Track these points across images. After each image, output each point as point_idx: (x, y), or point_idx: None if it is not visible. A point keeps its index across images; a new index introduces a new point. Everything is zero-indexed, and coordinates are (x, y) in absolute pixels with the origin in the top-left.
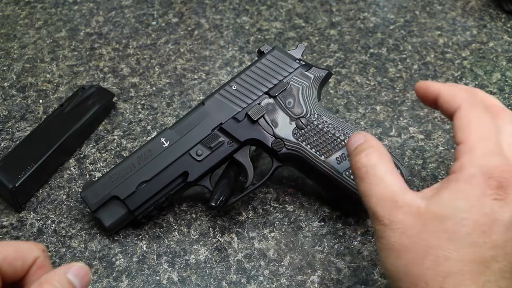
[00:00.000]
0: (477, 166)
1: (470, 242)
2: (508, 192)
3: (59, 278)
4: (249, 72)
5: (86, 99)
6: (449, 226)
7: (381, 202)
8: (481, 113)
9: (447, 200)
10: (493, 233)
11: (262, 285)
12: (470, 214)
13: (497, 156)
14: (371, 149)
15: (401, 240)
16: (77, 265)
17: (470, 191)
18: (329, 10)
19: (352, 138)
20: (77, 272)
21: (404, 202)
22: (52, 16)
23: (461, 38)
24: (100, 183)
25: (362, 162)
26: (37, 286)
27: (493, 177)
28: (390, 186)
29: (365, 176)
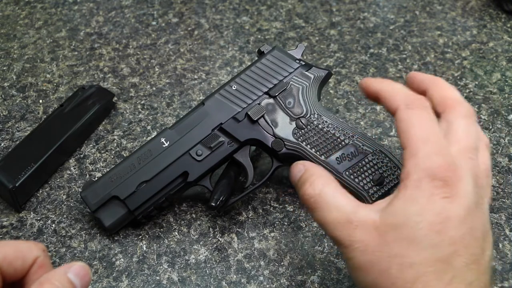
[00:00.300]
0: (421, 169)
1: (428, 243)
2: (454, 188)
3: (60, 277)
4: (249, 72)
5: (86, 99)
6: (406, 232)
7: (337, 226)
8: (419, 114)
9: (399, 208)
10: (448, 230)
11: (262, 285)
12: (423, 216)
13: (439, 156)
14: (313, 177)
15: (364, 257)
16: (78, 265)
17: (419, 195)
18: (329, 10)
19: (293, 170)
20: (77, 272)
21: (358, 221)
22: (52, 16)
23: (461, 38)
24: (100, 183)
25: (309, 192)
26: (38, 285)
27: (438, 177)
28: (341, 208)
29: (315, 205)
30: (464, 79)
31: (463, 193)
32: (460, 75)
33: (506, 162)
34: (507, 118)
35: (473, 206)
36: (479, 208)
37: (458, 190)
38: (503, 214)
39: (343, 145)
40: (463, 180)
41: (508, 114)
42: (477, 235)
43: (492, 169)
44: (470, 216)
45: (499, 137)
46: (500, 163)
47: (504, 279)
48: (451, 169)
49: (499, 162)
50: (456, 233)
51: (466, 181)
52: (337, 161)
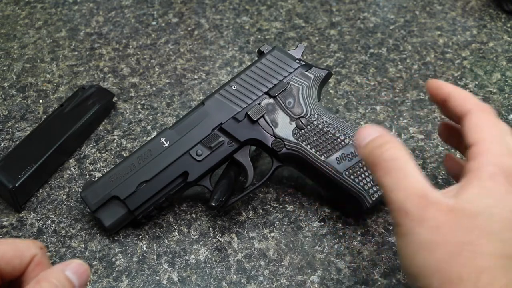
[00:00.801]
0: (495, 165)
1: (500, 238)
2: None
3: (57, 275)
4: (249, 72)
5: (86, 99)
6: (481, 222)
7: (410, 197)
8: (492, 117)
9: (475, 197)
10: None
11: (262, 285)
12: (499, 210)
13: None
14: (390, 144)
15: (433, 236)
16: (76, 262)
17: (495, 188)
18: (329, 10)
19: (363, 132)
20: (75, 269)
21: (434, 199)
22: (52, 16)
23: (461, 38)
24: (100, 183)
25: (387, 153)
26: (35, 283)
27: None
28: (419, 181)
29: (389, 168)
30: (464, 79)
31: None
32: (460, 75)
33: None
34: (507, 118)
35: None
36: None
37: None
38: None
39: (343, 145)
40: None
41: (508, 114)
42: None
43: None
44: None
45: None
46: None
47: None
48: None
49: None
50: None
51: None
52: (337, 161)
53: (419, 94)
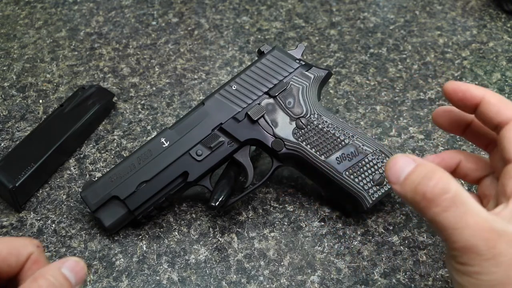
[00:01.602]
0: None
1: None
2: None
3: (54, 272)
4: (249, 72)
5: (86, 99)
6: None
7: (478, 233)
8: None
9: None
10: None
11: (262, 285)
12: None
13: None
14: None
15: (508, 273)
16: (72, 260)
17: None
18: (329, 10)
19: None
20: (72, 267)
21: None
22: (52, 16)
23: (461, 38)
24: (100, 183)
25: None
26: (32, 281)
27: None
28: (483, 214)
29: (450, 204)
30: (464, 79)
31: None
32: (460, 75)
33: None
34: None
35: None
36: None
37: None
38: None
39: (343, 145)
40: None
41: None
42: None
43: None
44: None
45: None
46: None
47: None
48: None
49: None
50: None
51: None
52: (337, 161)
53: (419, 94)
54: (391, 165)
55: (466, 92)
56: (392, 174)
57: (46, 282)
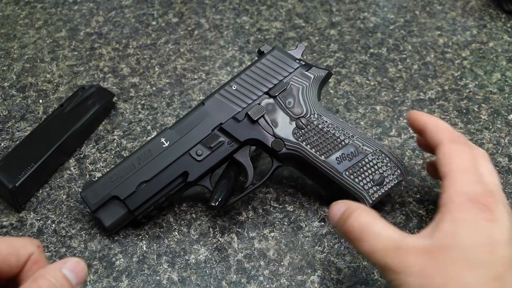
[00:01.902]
0: (463, 195)
1: (481, 263)
2: (495, 213)
3: (54, 273)
4: (249, 72)
5: (86, 99)
6: (459, 254)
7: (388, 253)
8: (461, 146)
9: (448, 231)
10: (498, 250)
11: (262, 285)
12: (473, 239)
13: (478, 184)
14: (357, 211)
15: (420, 281)
16: (73, 260)
17: (466, 218)
18: (329, 10)
19: (333, 209)
20: (72, 267)
21: (409, 246)
22: (52, 16)
23: (461, 38)
24: (100, 183)
25: (355, 225)
26: (32, 281)
27: (480, 203)
28: (389, 237)
29: (362, 236)
30: (464, 79)
31: (502, 217)
32: (460, 75)
33: (506, 162)
34: (507, 118)
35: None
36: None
37: (498, 215)
38: None
39: (343, 145)
40: (500, 206)
41: (508, 114)
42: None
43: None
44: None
45: (499, 137)
46: (500, 163)
47: None
48: (490, 195)
49: (499, 162)
50: (505, 253)
51: (502, 207)
52: (337, 161)
53: (419, 94)
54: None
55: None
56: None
57: (47, 283)
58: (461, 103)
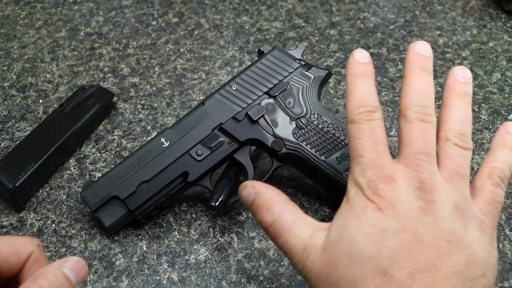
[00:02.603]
0: (354, 184)
1: (368, 256)
2: (386, 200)
3: (54, 272)
4: (249, 72)
5: (86, 99)
6: (346, 247)
7: (294, 255)
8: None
9: (338, 224)
10: (385, 241)
11: (262, 285)
12: (359, 229)
13: (372, 169)
14: (269, 202)
15: (317, 282)
16: (73, 259)
17: (354, 209)
18: (329, 10)
19: (242, 193)
20: (72, 266)
21: (311, 246)
22: (52, 16)
23: (461, 38)
24: (100, 183)
25: (267, 220)
26: (32, 281)
27: (370, 189)
28: (299, 235)
29: (274, 233)
30: None
31: (396, 203)
32: None
33: None
34: (507, 118)
35: (415, 213)
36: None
37: (391, 202)
38: (503, 214)
39: (343, 145)
40: (398, 190)
41: (508, 114)
42: (427, 241)
43: None
44: (411, 225)
45: None
46: None
47: (504, 278)
48: (383, 181)
49: None
50: (394, 243)
51: (402, 190)
52: (337, 161)
53: None
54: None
55: None
56: (242, 200)
57: (47, 282)
58: None
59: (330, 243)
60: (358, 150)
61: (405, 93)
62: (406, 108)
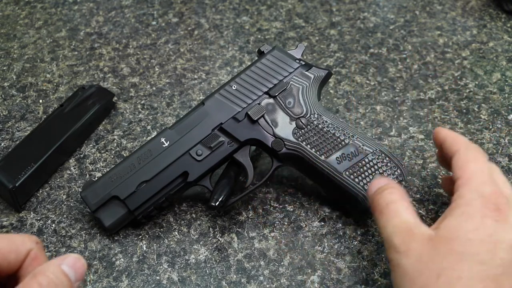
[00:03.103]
0: (474, 192)
1: (479, 260)
2: (505, 214)
3: (54, 269)
4: (249, 72)
5: (86, 99)
6: (458, 246)
7: (397, 231)
8: (476, 153)
9: (452, 223)
10: (499, 251)
11: (262, 285)
12: (476, 234)
13: (491, 185)
14: (394, 189)
15: (415, 265)
16: (72, 256)
17: (473, 213)
18: (329, 10)
19: (375, 181)
20: (72, 263)
21: (418, 232)
22: (52, 16)
23: (461, 38)
24: (100, 183)
25: (385, 198)
26: (31, 278)
27: (491, 201)
28: (406, 219)
29: (384, 209)
30: (464, 79)
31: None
32: (460, 75)
33: (506, 162)
34: (507, 118)
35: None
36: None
37: (508, 217)
38: None
39: (343, 145)
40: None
41: (508, 114)
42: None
43: None
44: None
45: (499, 137)
46: (500, 163)
47: None
48: (502, 196)
49: (499, 162)
50: (506, 256)
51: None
52: (337, 161)
53: (419, 94)
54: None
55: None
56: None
57: (46, 279)
58: (461, 103)
59: (441, 237)
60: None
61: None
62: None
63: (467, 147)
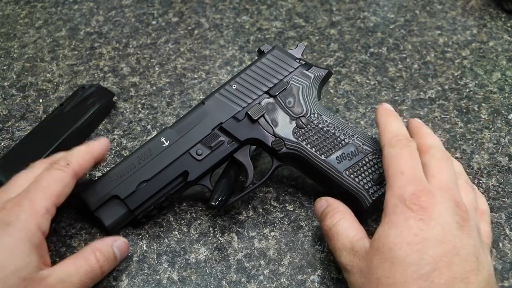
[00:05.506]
0: (396, 197)
1: (409, 262)
2: (429, 212)
3: (107, 249)
4: (249, 72)
5: (86, 99)
6: (388, 254)
7: (342, 252)
8: (398, 152)
9: (381, 233)
10: (427, 249)
11: (262, 284)
12: (401, 237)
13: (412, 185)
14: (334, 211)
15: (359, 280)
16: (122, 240)
17: (397, 219)
18: (329, 9)
19: (317, 205)
20: (120, 246)
21: (359, 248)
22: (52, 16)
23: (461, 38)
24: (100, 183)
25: (327, 223)
26: (90, 252)
27: (412, 202)
28: (349, 237)
29: (329, 234)
30: (464, 78)
31: (437, 216)
32: (460, 74)
33: (506, 162)
34: (507, 117)
35: (454, 227)
36: (463, 230)
37: (433, 213)
38: (503, 214)
39: (343, 145)
40: (439, 205)
41: (508, 114)
42: (463, 255)
43: (492, 169)
44: (451, 238)
45: (499, 137)
46: (500, 162)
47: (504, 278)
48: (424, 194)
49: (499, 162)
50: (436, 252)
51: (442, 205)
52: (337, 160)
53: (419, 93)
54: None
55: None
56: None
57: (102, 257)
58: (461, 103)
59: (374, 248)
60: (400, 168)
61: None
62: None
63: (390, 142)
